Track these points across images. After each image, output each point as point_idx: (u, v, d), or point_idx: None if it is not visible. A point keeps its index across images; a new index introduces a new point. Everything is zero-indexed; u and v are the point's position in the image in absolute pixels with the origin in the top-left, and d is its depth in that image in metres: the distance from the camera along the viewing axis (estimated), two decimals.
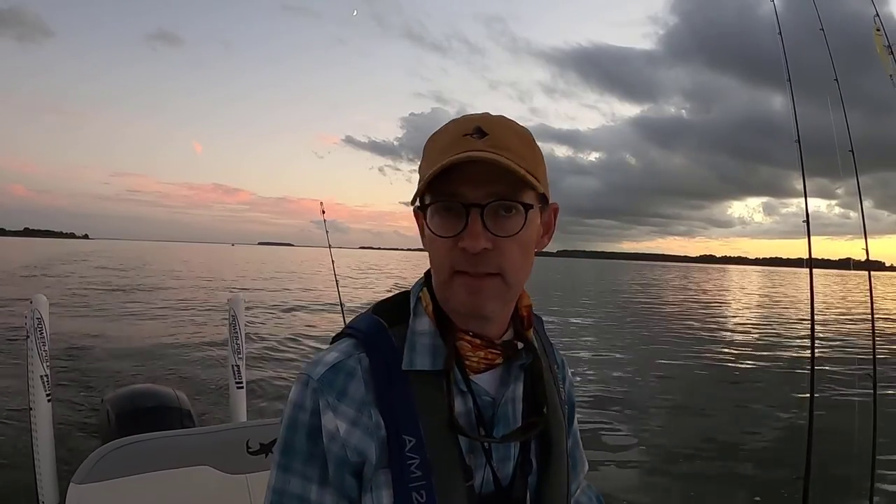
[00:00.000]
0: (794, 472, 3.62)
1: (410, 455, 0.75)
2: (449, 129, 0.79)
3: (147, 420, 2.87)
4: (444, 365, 0.79)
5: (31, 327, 3.07)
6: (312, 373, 0.79)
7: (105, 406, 3.05)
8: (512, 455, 0.84)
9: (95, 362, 9.19)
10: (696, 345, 14.38)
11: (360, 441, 0.76)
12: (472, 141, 0.75)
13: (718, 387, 9.76)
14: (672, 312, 23.39)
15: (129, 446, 1.87)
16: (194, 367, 9.19)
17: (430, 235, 0.78)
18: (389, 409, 0.76)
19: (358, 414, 0.76)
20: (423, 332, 0.82)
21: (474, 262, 0.75)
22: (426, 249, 0.83)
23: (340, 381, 0.77)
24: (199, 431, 2.20)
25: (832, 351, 12.99)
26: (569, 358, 1.06)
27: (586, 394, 8.54)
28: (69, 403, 6.25)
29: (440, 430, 0.77)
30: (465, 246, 0.74)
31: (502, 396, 0.83)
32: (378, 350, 0.80)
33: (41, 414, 3.05)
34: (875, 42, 3.60)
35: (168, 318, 15.26)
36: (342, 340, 0.84)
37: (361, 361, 0.79)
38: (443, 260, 0.77)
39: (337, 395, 0.76)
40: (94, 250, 74.10)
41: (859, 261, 3.71)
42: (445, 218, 0.76)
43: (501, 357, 0.83)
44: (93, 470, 1.77)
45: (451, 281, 0.77)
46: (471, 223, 0.74)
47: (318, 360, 0.81)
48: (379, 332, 0.82)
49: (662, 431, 7.05)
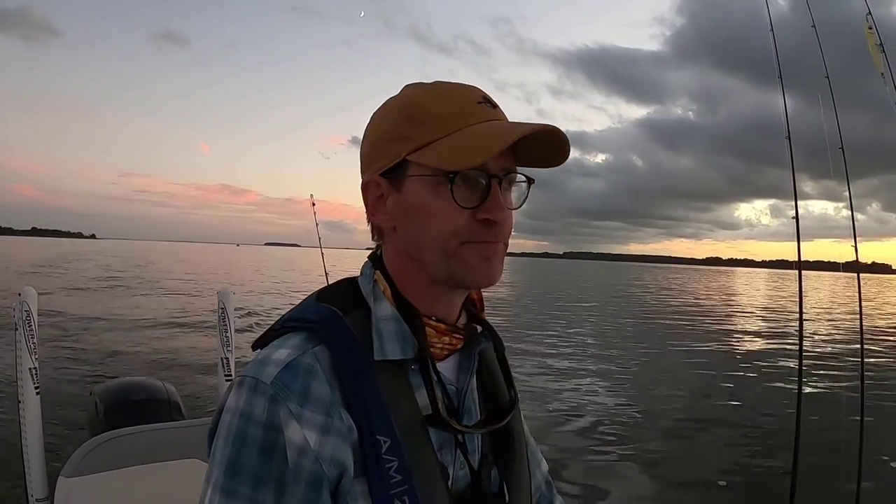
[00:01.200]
0: (782, 468, 3.66)
1: (388, 458, 0.66)
2: (454, 94, 0.73)
3: (136, 413, 2.86)
4: (416, 352, 0.72)
5: (20, 320, 3.04)
6: (261, 375, 0.66)
7: (94, 399, 3.04)
8: (477, 447, 0.79)
9: (84, 354, 9.17)
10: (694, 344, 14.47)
11: (335, 450, 0.66)
12: (490, 109, 0.73)
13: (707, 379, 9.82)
14: (649, 312, 23.51)
15: (117, 439, 1.85)
16: (183, 360, 9.17)
17: (434, 205, 0.71)
18: (360, 408, 0.67)
19: (327, 418, 0.66)
20: (386, 317, 0.73)
21: (495, 234, 0.72)
22: (387, 223, 0.76)
23: (299, 382, 0.66)
24: (189, 424, 2.19)
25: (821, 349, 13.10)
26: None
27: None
28: (57, 396, 6.22)
29: (413, 426, 0.69)
30: (493, 217, 0.71)
31: (465, 385, 0.78)
32: (337, 341, 0.70)
33: (30, 407, 3.03)
34: (867, 40, 3.62)
35: (159, 311, 15.22)
36: (286, 336, 0.72)
37: (318, 356, 0.69)
38: (451, 230, 0.71)
39: (299, 401, 0.65)
40: (100, 250, 74.52)
41: (865, 263, 3.73)
42: (462, 188, 0.70)
43: (462, 342, 0.78)
44: (82, 463, 1.76)
45: (458, 250, 0.71)
46: (495, 194, 0.71)
47: (264, 359, 0.68)
48: (334, 320, 0.72)
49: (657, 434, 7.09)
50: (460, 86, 0.75)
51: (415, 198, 0.72)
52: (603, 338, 14.79)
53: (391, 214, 0.75)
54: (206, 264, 50.05)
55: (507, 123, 0.73)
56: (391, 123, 0.74)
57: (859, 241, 3.66)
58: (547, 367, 10.31)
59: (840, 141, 3.69)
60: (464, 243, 0.71)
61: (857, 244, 3.71)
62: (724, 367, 11.06)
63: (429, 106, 0.72)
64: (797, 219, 3.69)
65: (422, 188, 0.72)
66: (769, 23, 3.84)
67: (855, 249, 3.72)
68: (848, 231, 3.67)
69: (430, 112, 0.71)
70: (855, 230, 3.71)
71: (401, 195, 0.73)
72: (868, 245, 3.76)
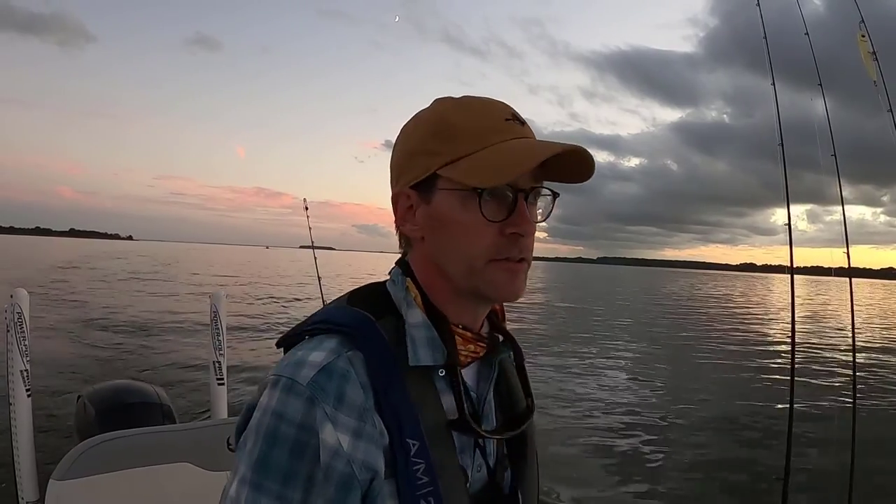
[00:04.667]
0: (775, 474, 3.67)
1: (416, 460, 0.69)
2: (483, 111, 0.76)
3: (127, 416, 2.84)
4: (448, 359, 0.75)
5: (12, 321, 3.03)
6: (297, 376, 0.68)
7: (83, 402, 3.03)
8: (492, 451, 0.82)
9: (72, 357, 9.12)
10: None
11: (367, 454, 0.67)
12: (519, 126, 0.76)
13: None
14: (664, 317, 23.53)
15: (109, 442, 1.85)
16: (175, 363, 9.14)
17: (463, 219, 0.73)
18: (391, 412, 0.69)
19: (360, 423, 0.68)
20: (418, 324, 0.75)
21: (520, 248, 0.75)
22: (416, 234, 0.79)
23: (335, 385, 0.68)
24: (180, 428, 2.19)
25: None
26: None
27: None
28: (46, 398, 6.19)
29: (439, 429, 0.72)
30: (519, 231, 0.74)
31: (485, 391, 0.82)
32: (372, 346, 0.72)
33: (21, 409, 3.01)
34: (860, 48, 3.65)
35: (153, 313, 15.17)
36: (319, 338, 0.73)
37: (353, 361, 0.70)
38: (481, 246, 0.73)
39: (334, 404, 0.67)
40: (133, 249, 75.41)
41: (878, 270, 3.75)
42: (490, 203, 0.73)
43: (485, 350, 0.81)
44: (73, 466, 1.76)
45: (484, 269, 0.74)
46: (522, 208, 0.74)
47: (300, 360, 0.70)
48: (368, 325, 0.73)
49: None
50: (489, 102, 0.77)
51: (444, 211, 0.75)
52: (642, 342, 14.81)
53: (420, 225, 0.78)
54: (225, 266, 50.00)
55: (536, 142, 0.75)
56: (421, 138, 0.77)
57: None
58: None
59: (832, 147, 3.71)
60: (490, 261, 0.74)
61: (849, 250, 3.74)
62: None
63: (458, 122, 0.74)
64: (789, 225, 3.72)
65: (451, 202, 0.74)
66: (763, 29, 3.87)
67: (847, 256, 3.75)
68: (886, 237, 3.67)
69: (459, 128, 0.74)
70: (847, 234, 3.74)
71: (430, 207, 0.76)
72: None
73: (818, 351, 13.98)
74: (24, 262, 33.63)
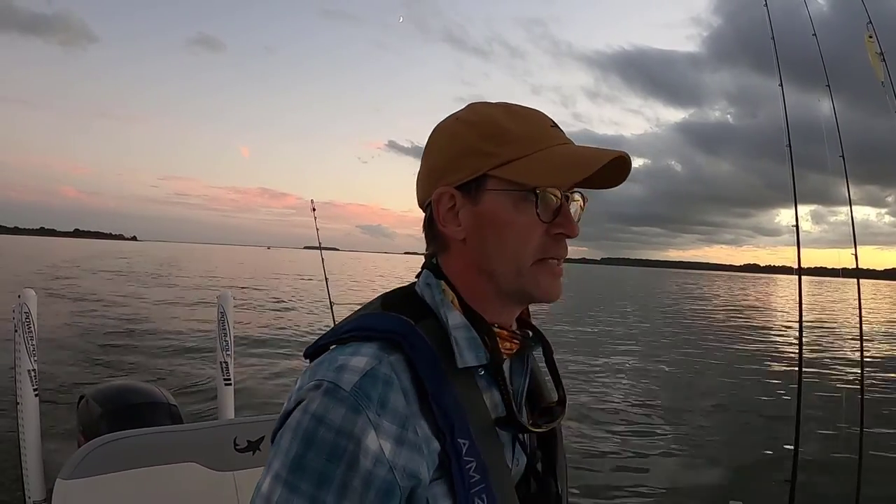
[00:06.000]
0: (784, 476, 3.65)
1: (468, 459, 0.69)
2: (531, 117, 0.79)
3: (134, 416, 2.85)
4: (492, 358, 0.76)
5: (20, 321, 3.05)
6: (340, 381, 0.67)
7: (88, 401, 3.04)
8: (527, 443, 0.84)
9: (77, 356, 9.15)
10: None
11: (409, 461, 0.67)
12: (561, 133, 0.79)
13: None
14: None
15: (116, 442, 1.85)
16: (182, 364, 9.17)
17: (514, 219, 0.75)
18: (441, 415, 0.69)
19: (402, 430, 0.67)
20: (458, 325, 0.76)
21: (564, 248, 0.78)
22: (458, 234, 0.79)
23: (378, 391, 0.67)
24: (187, 428, 2.19)
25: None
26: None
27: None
28: (52, 396, 6.21)
29: (486, 428, 0.73)
30: (566, 231, 0.77)
31: (521, 387, 0.84)
32: (417, 350, 0.71)
33: (28, 409, 3.03)
34: (867, 49, 3.63)
35: (158, 314, 15.21)
36: (355, 344, 0.73)
37: (395, 366, 0.70)
38: (531, 246, 0.76)
39: (378, 410, 0.66)
40: (136, 250, 76.30)
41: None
42: (540, 205, 0.75)
43: (519, 346, 0.82)
44: (80, 465, 1.76)
45: (531, 269, 0.76)
46: (566, 210, 0.77)
47: (343, 365, 0.69)
48: (409, 329, 0.73)
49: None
50: (533, 110, 0.80)
51: (493, 211, 0.76)
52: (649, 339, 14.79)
53: (464, 226, 0.78)
54: (214, 265, 50.22)
55: (588, 147, 0.77)
56: (471, 139, 0.77)
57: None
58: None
59: (840, 148, 3.70)
60: (538, 261, 0.76)
61: (857, 250, 3.72)
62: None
63: (509, 125, 0.76)
64: (797, 226, 3.69)
65: (503, 202, 0.75)
66: (770, 29, 3.85)
67: (855, 257, 3.73)
68: (891, 238, 3.66)
69: (511, 131, 0.76)
70: (855, 235, 3.72)
71: (477, 207, 0.77)
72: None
73: (825, 353, 13.92)
74: (28, 262, 33.81)
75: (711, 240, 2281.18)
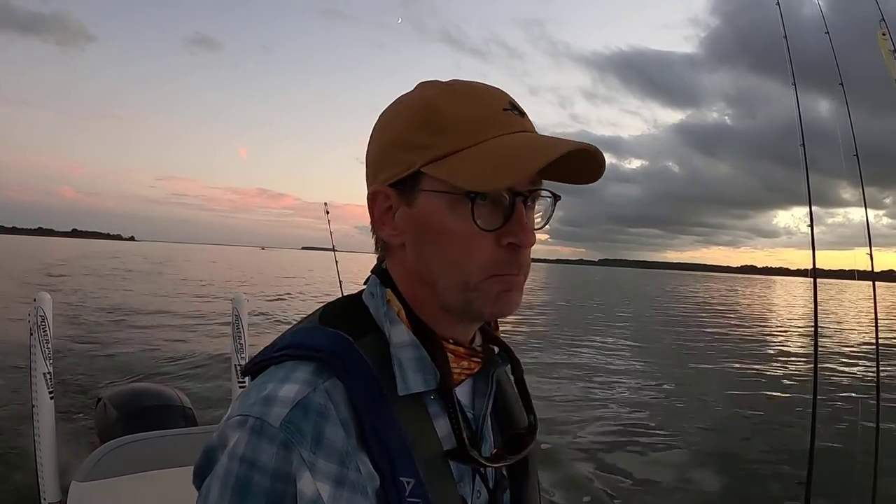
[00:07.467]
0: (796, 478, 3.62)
1: (412, 500, 0.60)
2: (477, 99, 0.65)
3: (149, 418, 2.87)
4: (440, 382, 0.64)
5: (35, 325, 3.07)
6: (268, 416, 0.56)
7: (104, 404, 3.06)
8: (492, 473, 0.73)
9: (92, 359, 9.19)
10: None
11: (350, 503, 0.58)
12: (518, 118, 0.65)
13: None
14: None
15: (131, 444, 1.87)
16: (197, 367, 9.20)
17: (452, 227, 0.63)
18: (380, 449, 0.59)
19: (341, 469, 0.57)
20: (404, 343, 0.65)
21: (520, 261, 0.65)
22: (395, 239, 0.67)
23: (311, 425, 0.57)
24: (202, 430, 2.20)
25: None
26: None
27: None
28: (67, 399, 6.25)
29: (435, 461, 0.63)
30: (517, 241, 0.63)
31: (483, 410, 0.72)
32: (352, 374, 0.61)
33: (44, 411, 3.05)
34: (880, 46, 3.59)
35: (169, 317, 15.27)
36: (289, 365, 0.62)
37: (330, 393, 0.59)
38: (480, 259, 0.63)
39: (312, 447, 0.56)
40: (133, 250, 77.32)
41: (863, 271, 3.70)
42: (483, 208, 0.62)
43: (480, 366, 0.70)
44: (95, 467, 1.77)
45: (480, 284, 0.64)
46: (521, 215, 0.63)
47: (270, 396, 0.58)
48: (346, 349, 0.62)
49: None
50: (483, 88, 0.66)
51: (428, 215, 0.64)
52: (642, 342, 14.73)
53: (400, 230, 0.67)
54: (210, 266, 50.51)
55: (541, 138, 0.64)
56: (403, 128, 0.65)
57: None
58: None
59: (854, 147, 3.66)
60: (490, 277, 0.64)
61: (871, 252, 3.69)
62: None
63: (448, 111, 0.63)
64: (811, 226, 3.66)
65: (437, 205, 0.63)
66: (783, 27, 3.82)
67: (870, 258, 3.69)
68: (889, 240, 3.63)
69: (449, 118, 0.63)
70: (870, 236, 3.68)
71: (411, 210, 0.65)
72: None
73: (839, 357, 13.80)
74: (28, 261, 34.20)
75: (709, 241, 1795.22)
